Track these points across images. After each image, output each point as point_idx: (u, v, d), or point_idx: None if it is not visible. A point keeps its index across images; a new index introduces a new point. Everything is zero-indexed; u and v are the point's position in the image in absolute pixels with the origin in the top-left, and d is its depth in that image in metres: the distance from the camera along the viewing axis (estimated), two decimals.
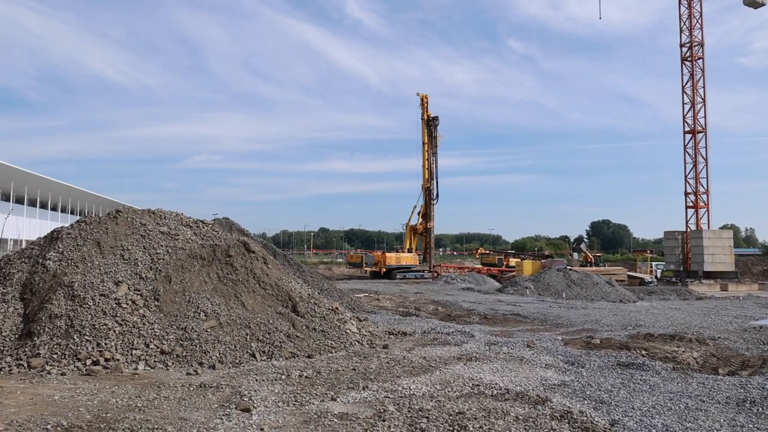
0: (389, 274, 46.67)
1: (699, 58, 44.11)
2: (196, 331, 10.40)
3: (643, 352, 11.86)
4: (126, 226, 12.84)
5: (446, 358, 10.98)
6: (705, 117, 43.94)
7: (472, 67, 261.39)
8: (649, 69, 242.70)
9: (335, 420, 6.76)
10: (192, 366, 9.54)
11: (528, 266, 44.19)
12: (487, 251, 68.23)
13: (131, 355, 9.61)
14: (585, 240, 68.62)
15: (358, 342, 12.07)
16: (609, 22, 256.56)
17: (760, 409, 7.65)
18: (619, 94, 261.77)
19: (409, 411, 7.13)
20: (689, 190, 44.06)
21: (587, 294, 29.56)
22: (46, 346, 9.48)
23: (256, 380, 8.65)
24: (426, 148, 51.16)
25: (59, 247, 11.85)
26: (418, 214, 51.51)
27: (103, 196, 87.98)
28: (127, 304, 10.63)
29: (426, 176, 50.93)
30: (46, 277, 11.05)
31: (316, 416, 6.91)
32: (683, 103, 44.52)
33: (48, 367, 8.98)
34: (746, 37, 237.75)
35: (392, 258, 48.36)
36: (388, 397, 7.85)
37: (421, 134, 51.47)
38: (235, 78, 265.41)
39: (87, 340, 9.65)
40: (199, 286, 11.66)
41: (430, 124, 51.17)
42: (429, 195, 50.86)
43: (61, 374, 8.78)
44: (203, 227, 14.06)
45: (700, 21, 44.15)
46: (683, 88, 44.59)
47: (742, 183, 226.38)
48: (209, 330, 10.55)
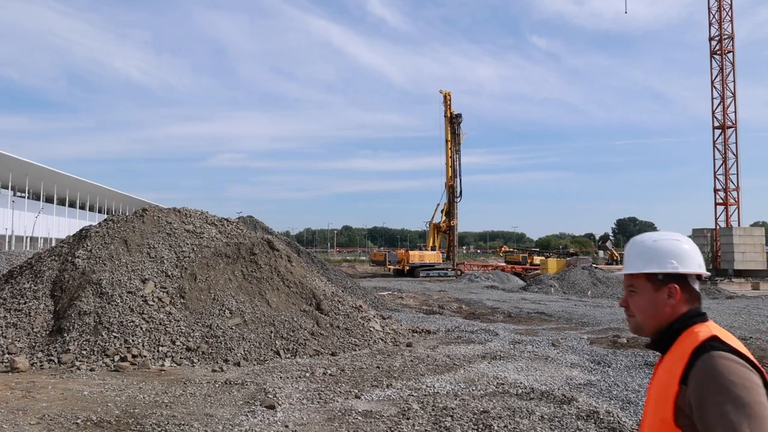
0: (412, 272, 46.61)
1: (729, 52, 43.15)
2: (221, 329, 10.50)
3: None
4: (152, 225, 13.02)
5: (470, 356, 10.92)
6: (735, 112, 43.01)
7: (495, 63, 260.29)
8: (676, 64, 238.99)
9: (359, 418, 6.77)
10: (217, 363, 9.63)
11: (552, 264, 43.81)
12: (511, 249, 67.88)
13: (158, 351, 9.74)
14: (611, 238, 67.84)
15: (382, 340, 12.06)
16: (635, 17, 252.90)
17: None
18: (646, 90, 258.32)
19: (433, 409, 7.11)
20: (719, 186, 43.18)
21: (613, 292, 29.16)
22: (76, 342, 9.66)
23: (281, 377, 8.70)
24: (449, 146, 51.02)
25: (88, 245, 12.05)
26: (442, 211, 51.39)
27: (130, 194, 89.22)
28: (154, 302, 10.78)
29: (449, 174, 50.76)
30: (75, 275, 11.25)
31: (340, 414, 6.92)
32: (712, 98, 43.61)
33: (77, 363, 9.16)
34: None
35: (416, 256, 48.30)
36: (412, 396, 7.83)
37: (444, 132, 51.36)
38: (258, 77, 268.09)
39: (115, 337, 9.81)
40: (224, 283, 11.76)
41: (453, 121, 51.00)
42: (452, 193, 50.70)
43: (90, 370, 8.94)
44: (228, 225, 14.19)
45: (730, 13, 43.17)
46: (712, 82, 43.68)
47: None
48: (234, 327, 10.65)
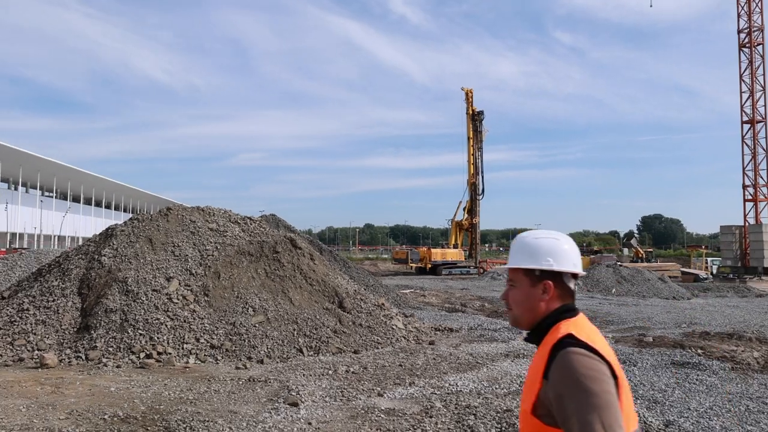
0: (435, 270, 46.43)
1: (758, 44, 42.24)
2: (244, 326, 10.58)
3: (699, 351, 11.41)
4: (176, 223, 13.16)
5: (493, 354, 10.85)
6: (765, 106, 42.11)
7: (518, 59, 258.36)
8: (703, 58, 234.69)
9: (382, 415, 6.76)
10: (241, 360, 9.71)
11: None
12: None
13: (182, 348, 9.85)
14: (635, 235, 66.90)
15: (405, 338, 12.05)
16: (660, 10, 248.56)
17: None
18: (672, 85, 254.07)
19: (456, 408, 7.07)
20: (748, 182, 42.35)
21: (638, 290, 28.69)
22: (103, 340, 9.82)
23: (304, 375, 8.74)
24: (471, 143, 50.70)
25: (114, 244, 12.24)
26: (464, 209, 51.09)
27: (155, 194, 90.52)
28: (178, 300, 10.90)
29: (471, 171, 50.45)
30: (102, 273, 11.43)
31: (363, 411, 6.92)
32: (741, 92, 42.82)
33: (104, 360, 9.31)
34: None
35: (438, 254, 48.10)
36: (435, 394, 7.81)
37: (466, 129, 51.02)
38: (280, 76, 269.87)
39: (140, 334, 9.95)
40: (248, 281, 11.85)
41: (475, 118, 50.65)
42: (474, 190, 50.39)
43: (117, 366, 9.08)
44: (251, 224, 14.29)
45: (760, 4, 42.26)
46: (741, 76, 42.82)
47: None
48: (257, 325, 10.72)
